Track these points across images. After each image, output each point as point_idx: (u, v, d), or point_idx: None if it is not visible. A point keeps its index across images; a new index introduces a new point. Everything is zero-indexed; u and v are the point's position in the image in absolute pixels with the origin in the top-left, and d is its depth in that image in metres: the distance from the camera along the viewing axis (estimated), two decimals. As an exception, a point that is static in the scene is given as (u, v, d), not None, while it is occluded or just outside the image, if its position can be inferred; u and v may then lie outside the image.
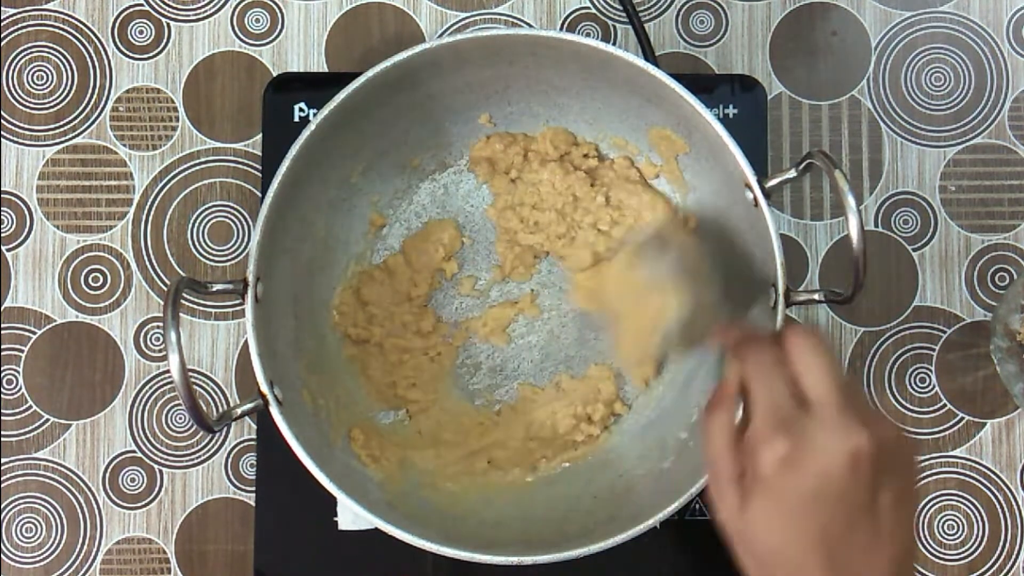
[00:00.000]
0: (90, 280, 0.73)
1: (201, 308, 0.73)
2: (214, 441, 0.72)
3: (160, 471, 0.72)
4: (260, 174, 0.73)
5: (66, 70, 0.74)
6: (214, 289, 0.60)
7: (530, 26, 0.74)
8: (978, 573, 0.72)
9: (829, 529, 0.47)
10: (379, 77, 0.62)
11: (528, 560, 0.60)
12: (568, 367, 0.72)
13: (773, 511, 0.47)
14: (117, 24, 0.74)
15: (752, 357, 0.51)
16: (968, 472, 0.72)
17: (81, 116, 0.74)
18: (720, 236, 0.69)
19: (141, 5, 0.75)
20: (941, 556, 0.72)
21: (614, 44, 0.72)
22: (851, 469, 0.46)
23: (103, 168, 0.73)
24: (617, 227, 0.71)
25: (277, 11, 0.75)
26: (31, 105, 0.74)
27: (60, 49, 0.74)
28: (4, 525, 0.71)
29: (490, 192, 0.72)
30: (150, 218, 0.73)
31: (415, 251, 0.71)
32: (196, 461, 0.72)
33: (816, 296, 0.61)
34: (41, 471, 0.72)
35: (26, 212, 0.73)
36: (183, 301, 0.72)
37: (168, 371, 0.68)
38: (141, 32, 0.74)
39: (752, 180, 0.60)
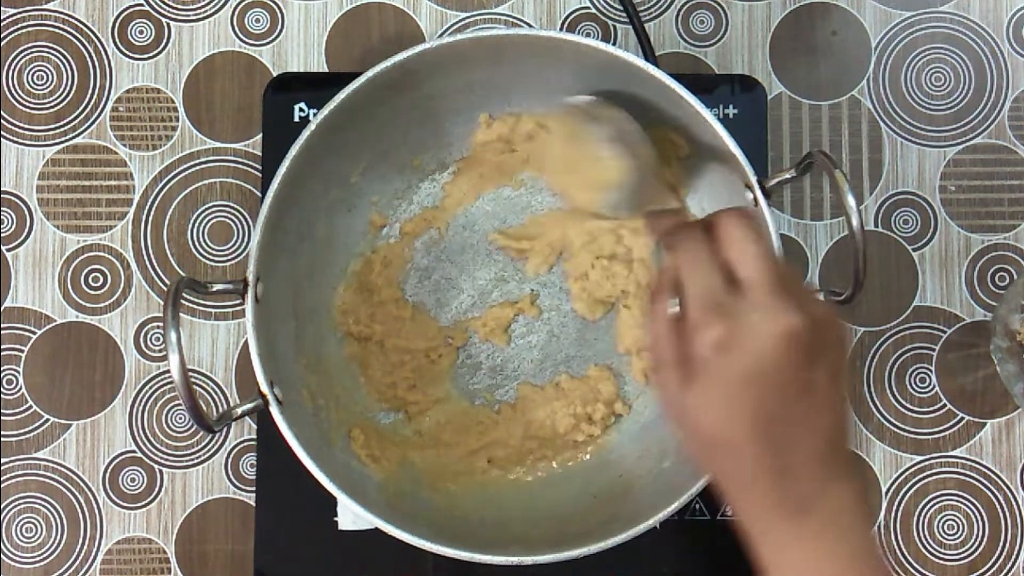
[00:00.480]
0: (90, 280, 0.73)
1: (201, 308, 0.73)
2: (214, 441, 0.72)
3: (160, 471, 0.72)
4: (260, 174, 0.73)
5: (66, 70, 0.74)
6: (214, 289, 0.60)
7: (530, 26, 0.74)
8: (978, 573, 0.72)
9: (765, 407, 0.48)
10: (379, 77, 0.62)
11: (528, 560, 0.60)
12: (568, 367, 0.72)
13: (712, 393, 0.49)
14: (117, 24, 0.74)
15: (683, 245, 0.52)
16: (968, 472, 0.72)
17: (81, 116, 0.74)
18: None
19: (141, 5, 0.75)
20: (941, 556, 0.72)
21: (614, 44, 0.73)
22: (784, 349, 0.47)
23: (103, 168, 0.73)
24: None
25: (277, 11, 0.75)
26: (31, 105, 0.74)
27: (60, 49, 0.74)
28: (4, 525, 0.71)
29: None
30: (150, 218, 0.73)
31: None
32: (196, 461, 0.72)
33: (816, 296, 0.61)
34: (41, 471, 0.72)
35: (26, 212, 0.73)
36: (183, 301, 0.72)
37: (168, 371, 0.68)
38: (141, 32, 0.74)
39: (752, 180, 0.60)
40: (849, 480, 0.50)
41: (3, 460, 0.71)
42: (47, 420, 0.72)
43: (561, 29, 0.74)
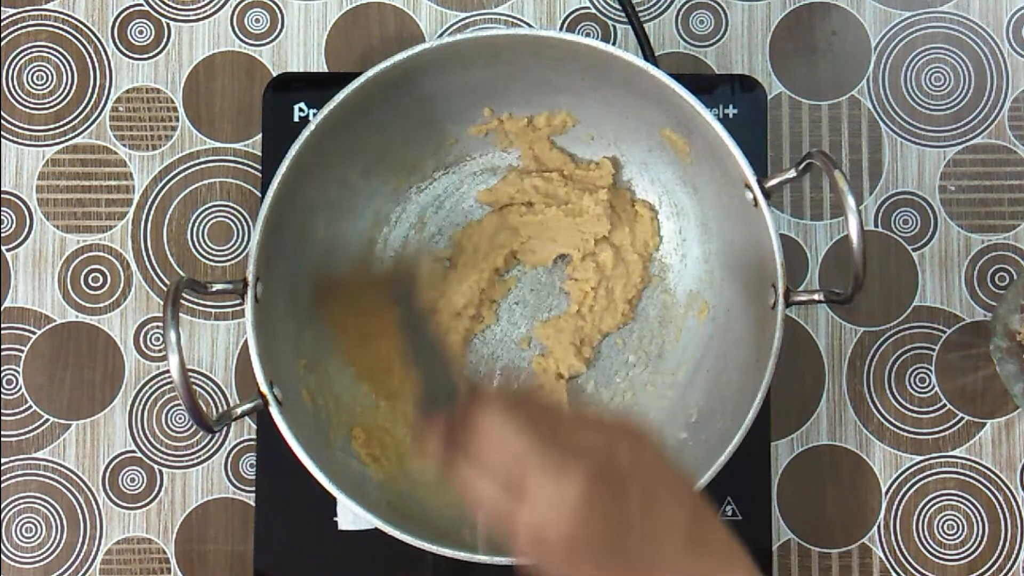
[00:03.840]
0: (90, 280, 0.73)
1: (201, 308, 0.73)
2: (214, 441, 0.72)
3: (160, 471, 0.72)
4: (260, 174, 0.73)
5: (66, 70, 0.74)
6: (214, 289, 0.60)
7: (530, 26, 0.74)
8: (978, 573, 0.72)
9: (603, 552, 0.46)
10: (379, 77, 0.62)
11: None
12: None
13: (557, 567, 0.47)
14: (117, 24, 0.74)
15: (454, 462, 0.50)
16: (968, 472, 0.72)
17: (81, 116, 0.74)
18: (720, 236, 0.69)
19: (141, 5, 0.75)
20: (941, 556, 0.72)
21: (614, 44, 0.73)
22: (584, 500, 0.45)
23: (103, 168, 0.73)
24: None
25: (277, 11, 0.75)
26: (31, 105, 0.74)
27: (60, 49, 0.74)
28: (4, 525, 0.71)
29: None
30: (150, 218, 0.73)
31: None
32: (196, 461, 0.72)
33: (816, 296, 0.61)
34: (41, 471, 0.72)
35: (26, 212, 0.73)
36: (183, 301, 0.72)
37: (168, 371, 0.68)
38: (141, 32, 0.74)
39: (752, 180, 0.60)
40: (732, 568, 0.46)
41: (3, 460, 0.71)
42: (47, 420, 0.72)
43: (561, 29, 0.74)
